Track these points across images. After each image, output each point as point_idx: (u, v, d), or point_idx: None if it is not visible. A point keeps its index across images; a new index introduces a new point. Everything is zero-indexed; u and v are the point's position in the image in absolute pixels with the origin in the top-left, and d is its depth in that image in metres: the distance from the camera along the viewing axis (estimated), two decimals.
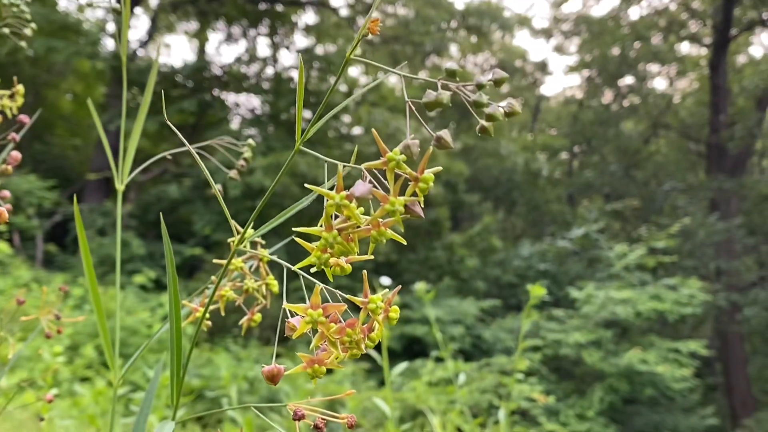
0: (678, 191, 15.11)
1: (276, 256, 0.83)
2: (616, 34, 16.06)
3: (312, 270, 0.60)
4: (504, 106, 0.53)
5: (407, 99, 0.53)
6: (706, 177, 14.66)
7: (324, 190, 0.56)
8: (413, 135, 0.52)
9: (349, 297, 0.61)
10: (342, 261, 0.60)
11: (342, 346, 0.61)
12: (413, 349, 10.19)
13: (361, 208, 0.56)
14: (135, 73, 11.60)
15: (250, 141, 1.21)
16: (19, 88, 1.07)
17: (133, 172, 1.24)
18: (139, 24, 15.30)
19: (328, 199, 0.55)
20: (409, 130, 0.53)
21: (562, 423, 8.52)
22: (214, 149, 1.24)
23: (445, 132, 0.52)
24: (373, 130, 0.53)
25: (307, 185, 0.56)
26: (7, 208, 0.94)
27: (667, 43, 16.10)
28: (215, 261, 0.92)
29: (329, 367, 0.64)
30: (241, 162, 1.19)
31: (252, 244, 0.92)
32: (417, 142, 0.52)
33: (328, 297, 0.62)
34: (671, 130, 17.09)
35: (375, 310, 0.60)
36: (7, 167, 0.97)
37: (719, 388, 13.46)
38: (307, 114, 13.11)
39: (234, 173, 1.18)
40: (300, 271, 0.63)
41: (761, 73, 13.88)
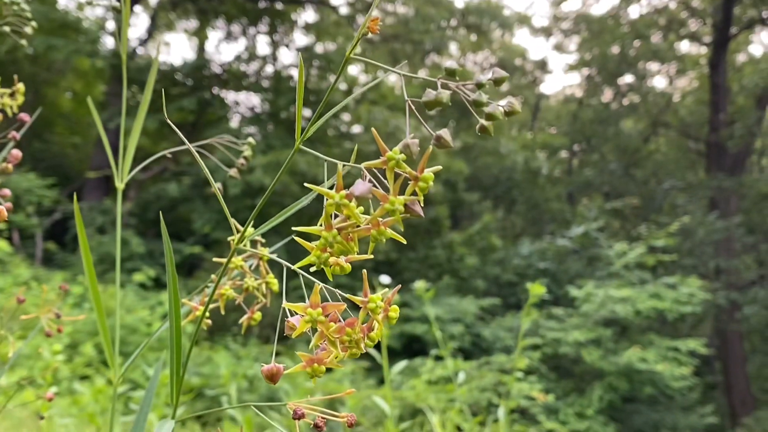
0: (677, 190, 15.11)
1: (276, 255, 0.83)
2: (616, 33, 16.06)
3: (312, 269, 0.60)
4: (504, 105, 0.53)
5: (407, 98, 0.53)
6: (705, 175, 14.67)
7: (324, 189, 0.55)
8: (413, 134, 0.52)
9: (349, 296, 0.61)
10: (342, 260, 0.60)
11: (341, 346, 0.61)
12: (413, 347, 10.20)
13: (360, 208, 0.56)
14: (134, 72, 11.59)
15: (251, 139, 1.21)
16: (20, 86, 1.07)
17: (132, 170, 1.24)
18: (138, 22, 15.29)
19: (327, 199, 0.55)
20: (408, 130, 0.53)
21: (561, 421, 8.52)
22: (214, 147, 1.24)
23: (444, 131, 0.52)
24: (373, 130, 0.53)
25: (307, 184, 0.56)
26: (8, 206, 0.94)
27: (666, 42, 16.10)
28: (215, 259, 0.92)
29: (329, 367, 0.64)
30: (241, 160, 1.19)
31: (252, 243, 0.92)
32: (417, 141, 0.52)
33: (327, 296, 0.62)
34: (671, 128, 17.09)
35: (375, 310, 0.59)
36: (8, 166, 0.97)
37: (718, 387, 13.47)
38: (307, 112, 13.09)
39: (234, 172, 1.18)
40: (300, 270, 0.63)
41: (761, 71, 13.87)
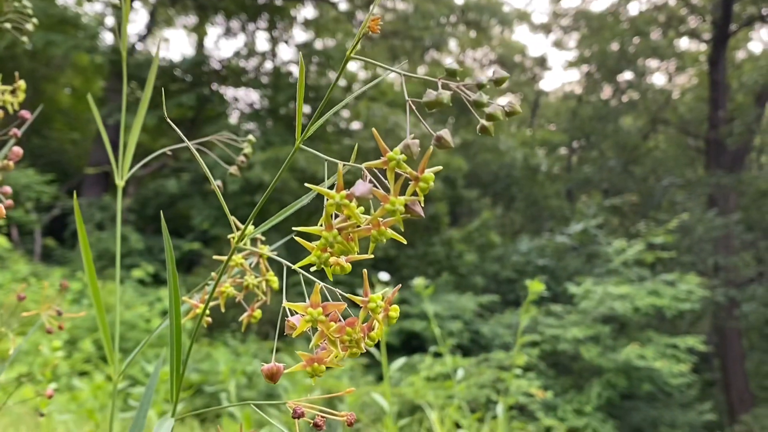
0: (676, 187, 15.11)
1: (276, 253, 0.83)
2: (616, 30, 16.05)
3: (312, 269, 0.60)
4: (504, 106, 0.53)
5: (407, 98, 0.53)
6: (704, 173, 14.66)
7: (324, 189, 0.55)
8: (413, 135, 0.52)
9: (350, 296, 0.61)
10: (342, 260, 0.60)
11: (342, 345, 0.61)
12: (411, 344, 10.20)
13: (361, 207, 0.56)
14: (133, 68, 11.58)
15: (251, 137, 1.21)
16: (21, 83, 1.07)
17: (132, 167, 1.24)
18: (137, 18, 15.28)
19: (328, 199, 0.55)
20: (409, 129, 0.53)
21: (559, 418, 8.53)
22: (213, 144, 1.24)
23: (445, 131, 0.52)
24: (373, 130, 0.53)
25: (307, 185, 0.56)
26: (8, 204, 0.94)
27: (666, 39, 16.09)
28: (215, 257, 0.92)
29: (329, 366, 0.64)
30: (241, 158, 1.19)
31: (252, 241, 0.92)
32: (417, 142, 0.52)
33: (327, 295, 0.62)
34: (670, 125, 17.09)
35: (375, 309, 0.60)
36: (9, 163, 0.97)
37: (717, 384, 13.49)
38: (306, 109, 13.08)
39: (234, 169, 1.18)
40: (300, 270, 0.63)
41: (760, 68, 13.87)
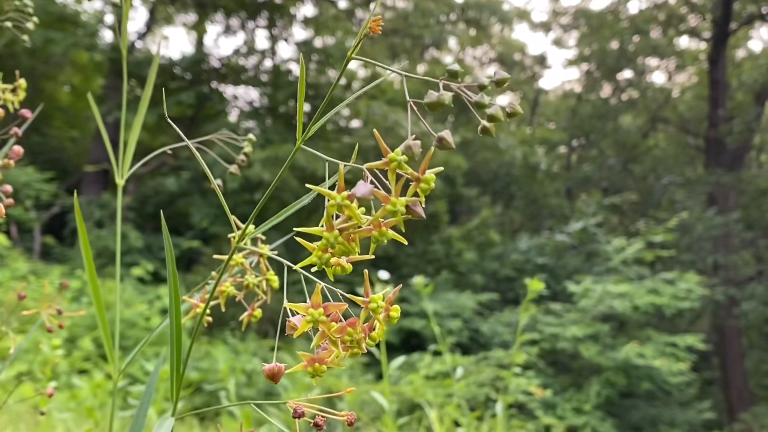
0: (676, 185, 15.11)
1: (276, 252, 0.83)
2: (615, 28, 16.04)
3: (313, 269, 0.60)
4: (506, 107, 0.53)
5: (409, 99, 0.53)
6: (704, 171, 14.66)
7: (325, 190, 0.55)
8: (414, 135, 0.52)
9: (351, 297, 0.61)
10: (343, 261, 0.60)
11: (343, 345, 0.61)
12: (411, 342, 10.21)
13: (362, 208, 0.56)
14: (133, 65, 11.56)
15: (251, 136, 1.21)
16: (21, 82, 1.07)
17: (132, 166, 1.24)
18: (137, 16, 15.25)
19: (329, 199, 0.55)
20: (410, 131, 0.53)
21: (559, 416, 8.54)
22: (213, 142, 1.24)
23: (446, 132, 0.52)
24: (374, 131, 0.53)
25: (308, 185, 0.56)
26: (9, 203, 0.94)
27: (666, 37, 16.08)
28: (215, 256, 0.92)
29: (330, 366, 0.64)
30: (241, 157, 1.19)
31: (252, 240, 0.92)
32: (419, 143, 0.52)
33: (328, 295, 0.62)
34: (670, 124, 17.09)
35: (376, 310, 0.60)
36: (9, 162, 0.97)
37: (716, 383, 13.49)
38: (306, 107, 13.06)
39: (234, 168, 1.18)
40: (301, 270, 0.63)
41: (760, 67, 13.88)
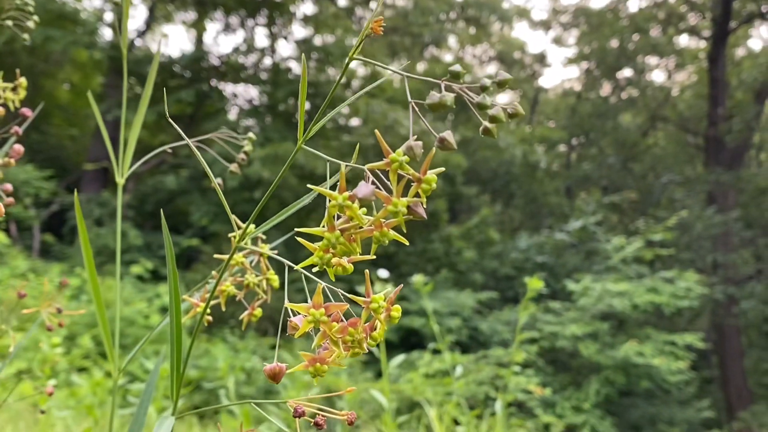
0: (676, 184, 15.11)
1: (276, 252, 0.83)
2: (615, 27, 16.03)
3: (314, 270, 0.60)
4: (507, 108, 0.53)
5: (410, 100, 0.53)
6: (703, 170, 14.66)
7: (327, 190, 0.55)
8: (416, 136, 0.52)
9: (352, 296, 0.61)
10: (344, 261, 0.60)
11: (344, 345, 0.61)
12: (410, 340, 10.20)
13: (363, 208, 0.55)
14: (132, 64, 11.55)
15: (251, 134, 1.21)
16: (22, 80, 1.07)
17: (132, 164, 1.24)
18: (136, 14, 15.24)
19: (330, 200, 0.55)
20: (411, 131, 0.53)
21: (558, 415, 8.54)
22: (212, 140, 1.24)
23: (448, 133, 0.52)
24: (376, 132, 0.53)
25: (310, 186, 0.56)
26: (9, 201, 0.94)
27: (666, 36, 16.07)
28: (216, 256, 0.92)
29: (331, 366, 0.64)
30: (241, 155, 1.19)
31: (252, 240, 0.92)
32: (420, 143, 0.52)
33: (329, 295, 0.62)
34: (669, 122, 17.09)
35: (377, 310, 0.60)
36: (10, 160, 0.97)
37: (715, 381, 13.50)
38: (306, 105, 13.01)
39: (234, 167, 1.18)
40: (302, 270, 0.63)
41: (760, 66, 13.88)
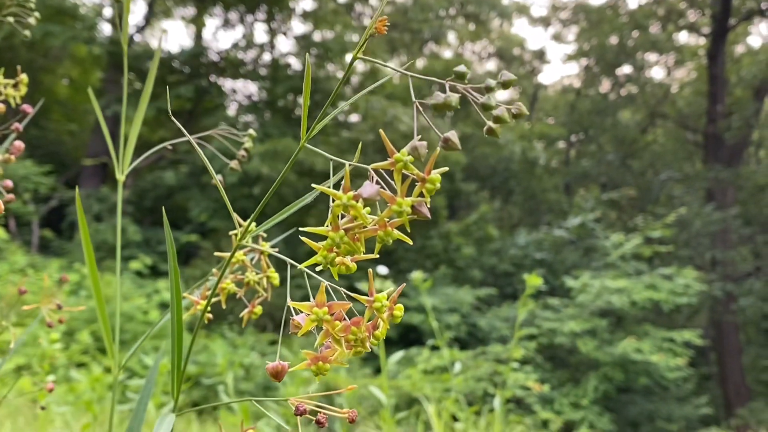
0: (674, 181, 15.12)
1: (277, 249, 0.83)
2: (615, 23, 16.02)
3: (317, 269, 0.60)
4: (512, 108, 0.53)
5: (414, 100, 0.53)
6: (702, 167, 14.67)
7: (331, 190, 0.55)
8: (419, 136, 0.52)
9: (355, 296, 0.61)
10: (347, 260, 0.60)
11: (347, 344, 0.61)
12: (409, 337, 10.21)
13: (367, 208, 0.55)
14: (132, 59, 11.54)
15: (251, 131, 1.21)
16: (23, 77, 1.06)
17: (133, 161, 1.23)
18: (135, 9, 15.21)
19: (334, 199, 0.55)
20: (416, 131, 0.53)
21: (556, 411, 8.55)
22: (212, 136, 1.24)
23: (452, 133, 0.52)
24: (381, 131, 0.53)
25: (314, 185, 0.56)
26: (10, 198, 0.94)
27: (665, 33, 16.06)
28: (216, 254, 0.92)
29: (333, 364, 0.64)
30: (241, 152, 1.19)
31: (253, 237, 0.92)
32: (425, 143, 0.52)
33: (332, 293, 0.62)
34: (668, 119, 17.08)
35: (380, 309, 0.59)
36: (10, 157, 0.97)
37: (713, 378, 13.52)
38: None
39: (235, 164, 1.18)
40: (305, 269, 0.63)
41: (759, 63, 13.88)
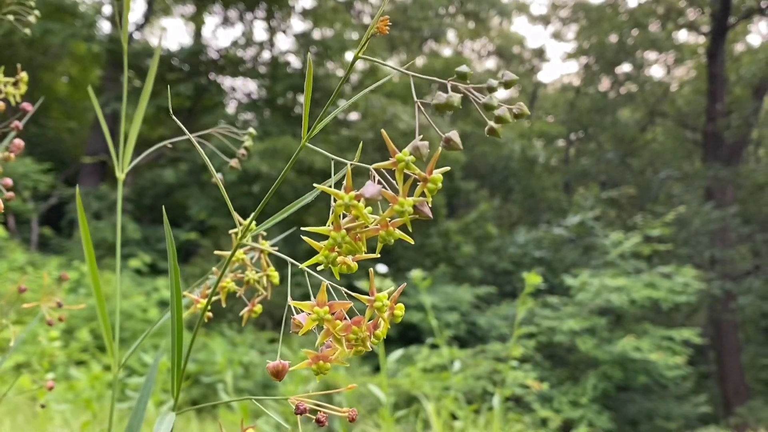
0: (674, 179, 15.12)
1: (276, 248, 0.83)
2: (614, 21, 16.02)
3: (319, 268, 0.59)
4: (513, 108, 0.53)
5: (416, 100, 0.53)
6: (702, 165, 14.67)
7: (333, 189, 0.55)
8: (421, 136, 0.52)
9: (357, 295, 0.61)
10: (349, 259, 0.59)
11: (347, 343, 0.61)
12: (408, 335, 10.20)
13: (369, 208, 0.55)
14: (131, 57, 11.52)
15: (251, 130, 1.21)
16: (23, 75, 1.06)
17: (132, 159, 1.23)
18: (135, 6, 15.20)
19: (336, 199, 0.55)
20: (418, 131, 0.53)
21: (555, 410, 8.56)
22: (211, 134, 1.24)
23: (454, 133, 0.52)
24: (382, 131, 0.53)
25: (316, 185, 0.56)
26: (9, 196, 0.94)
27: (664, 31, 16.06)
28: (217, 252, 0.92)
29: (334, 363, 0.64)
30: (242, 151, 1.19)
31: (253, 236, 0.92)
32: (426, 143, 0.52)
33: (332, 292, 0.62)
34: (668, 118, 17.08)
35: (381, 308, 0.59)
36: (10, 155, 0.97)
37: (712, 376, 13.53)
38: (303, 98, 13.00)
39: (235, 162, 1.18)
40: (306, 268, 0.63)
41: (759, 61, 13.88)
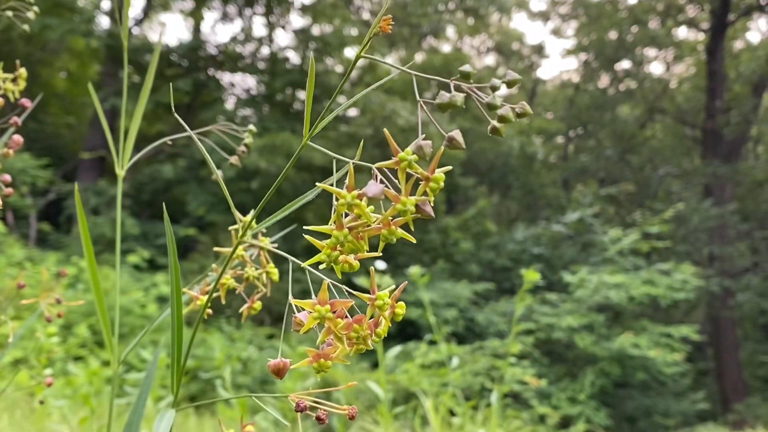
0: (673, 176, 15.13)
1: (276, 245, 0.83)
2: (614, 18, 16.01)
3: (321, 267, 0.59)
4: (516, 107, 0.53)
5: (419, 99, 0.53)
6: (701, 162, 14.69)
7: (336, 189, 0.55)
8: (423, 135, 0.52)
9: (358, 294, 0.61)
10: (350, 258, 0.59)
11: (348, 342, 0.61)
12: (407, 331, 10.21)
13: (371, 207, 0.55)
14: (130, 52, 11.51)
15: (251, 126, 1.21)
16: (22, 71, 1.06)
17: (132, 156, 1.23)
18: (133, 2, 15.15)
19: (338, 198, 0.55)
20: (420, 130, 0.52)
21: (553, 406, 8.57)
22: (210, 130, 1.24)
23: (456, 132, 0.52)
24: (385, 130, 0.53)
25: (318, 184, 0.56)
26: (8, 192, 0.94)
27: (664, 28, 16.06)
28: (216, 249, 0.92)
29: (335, 362, 0.64)
30: (241, 148, 1.19)
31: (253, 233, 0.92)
32: (429, 143, 0.52)
33: (333, 291, 0.62)
34: (667, 115, 17.09)
35: (382, 307, 0.59)
36: (9, 151, 0.97)
37: (710, 373, 13.56)
38: (302, 95, 13.04)
39: (234, 159, 1.18)
40: (308, 267, 0.63)
41: (758, 58, 13.88)
